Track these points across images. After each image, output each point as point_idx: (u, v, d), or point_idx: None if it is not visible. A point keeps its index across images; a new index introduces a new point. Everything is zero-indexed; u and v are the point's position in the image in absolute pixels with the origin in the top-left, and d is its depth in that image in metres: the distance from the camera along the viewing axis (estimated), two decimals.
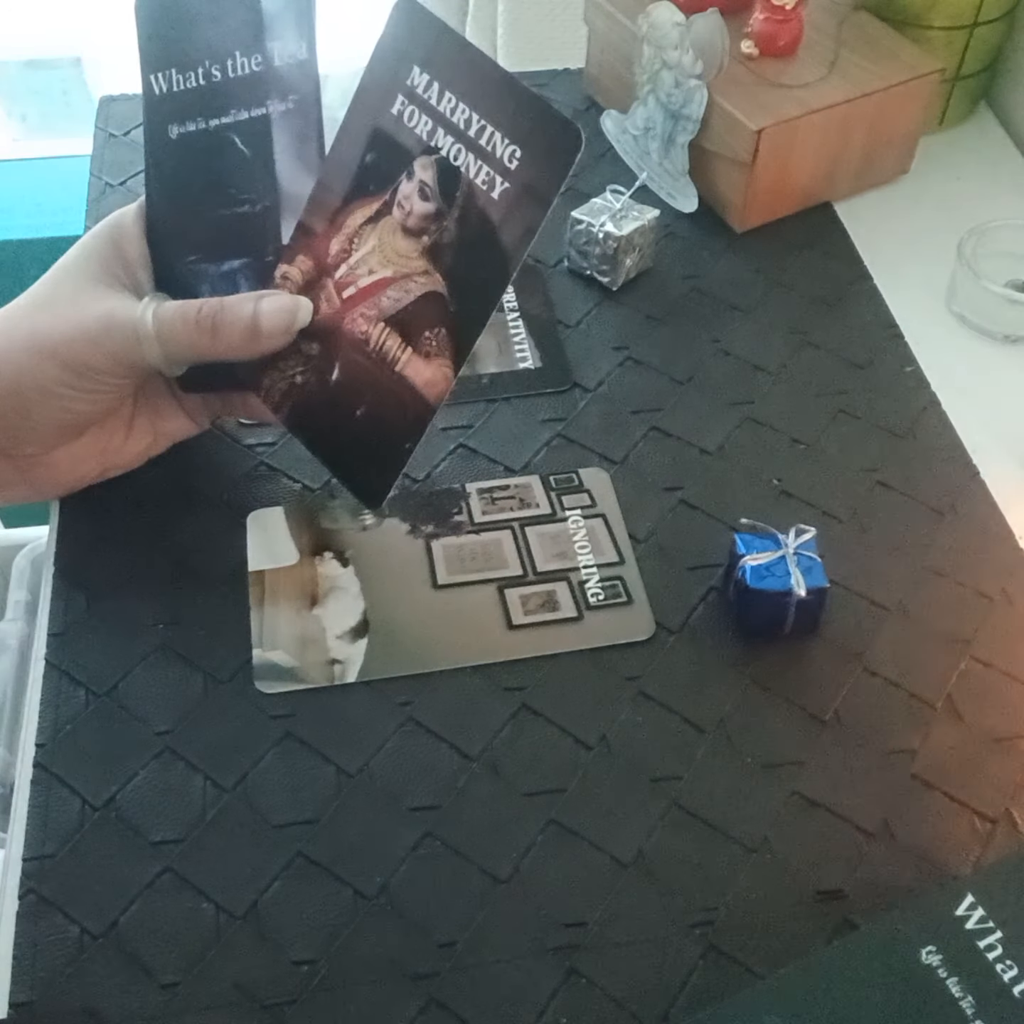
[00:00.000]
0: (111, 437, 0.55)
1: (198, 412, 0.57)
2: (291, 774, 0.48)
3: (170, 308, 0.51)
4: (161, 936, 0.44)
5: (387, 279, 0.50)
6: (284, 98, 0.55)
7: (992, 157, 0.81)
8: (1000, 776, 0.49)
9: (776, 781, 0.48)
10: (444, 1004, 0.43)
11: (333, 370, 0.53)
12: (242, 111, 0.56)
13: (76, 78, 1.58)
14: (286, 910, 0.45)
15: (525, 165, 0.46)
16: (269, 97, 0.55)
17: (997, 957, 0.41)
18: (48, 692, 0.51)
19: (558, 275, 0.70)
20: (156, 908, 0.45)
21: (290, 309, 0.52)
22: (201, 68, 0.56)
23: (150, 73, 0.58)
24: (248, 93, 0.56)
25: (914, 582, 0.55)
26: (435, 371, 0.50)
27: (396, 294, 0.50)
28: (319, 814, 0.47)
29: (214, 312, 0.51)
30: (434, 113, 0.49)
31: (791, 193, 0.73)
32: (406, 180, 0.50)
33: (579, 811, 0.48)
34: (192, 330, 0.51)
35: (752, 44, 0.72)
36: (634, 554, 0.56)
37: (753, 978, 0.43)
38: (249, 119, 0.55)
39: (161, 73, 0.57)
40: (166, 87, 0.57)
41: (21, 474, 0.54)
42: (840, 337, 0.67)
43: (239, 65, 0.56)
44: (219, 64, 0.56)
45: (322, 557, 0.56)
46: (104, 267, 0.52)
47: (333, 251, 0.52)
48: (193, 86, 0.56)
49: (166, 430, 0.57)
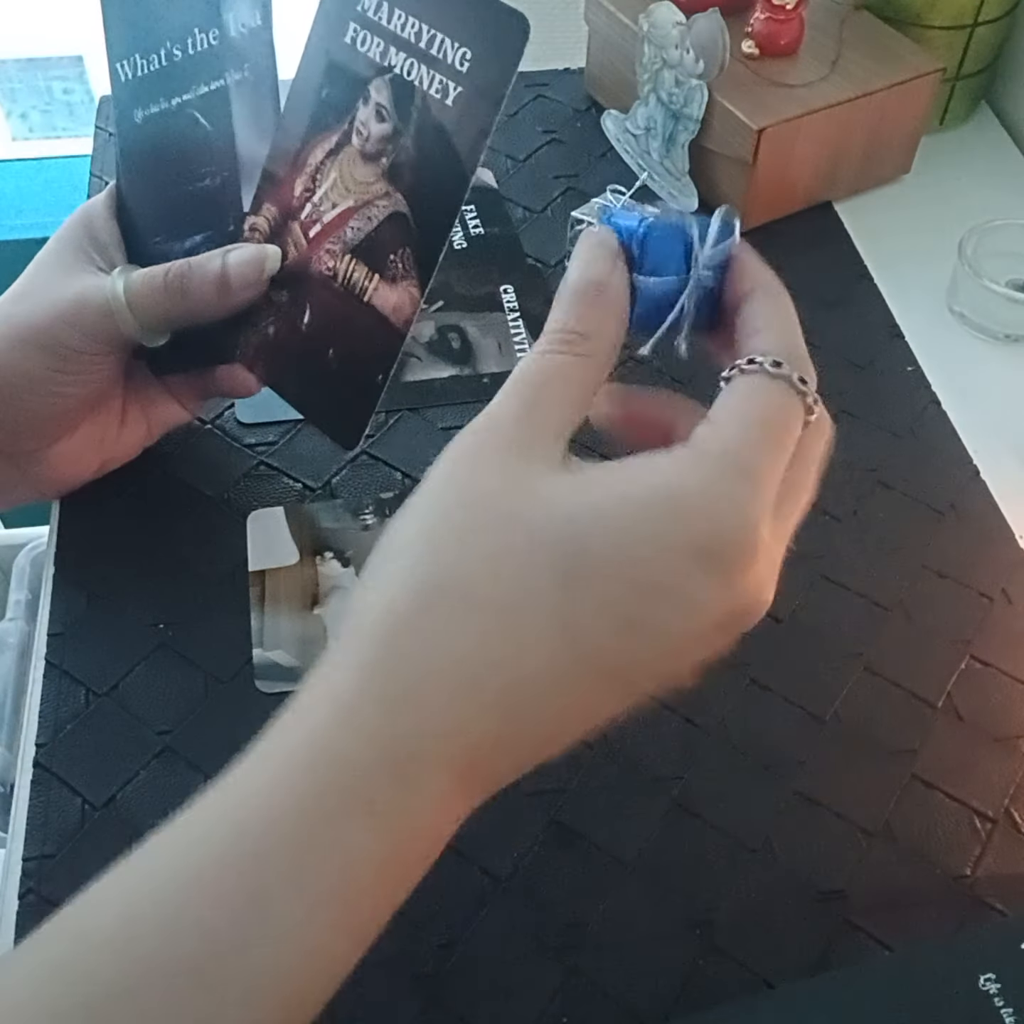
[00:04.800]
0: (106, 429, 0.55)
1: (187, 397, 0.57)
2: None
3: (139, 275, 0.51)
4: None
5: (350, 209, 0.50)
6: (240, 67, 0.55)
7: (993, 157, 0.81)
8: (1000, 776, 0.49)
9: (776, 781, 0.48)
10: (444, 1004, 0.43)
11: (304, 314, 0.52)
12: (201, 86, 0.56)
13: (78, 77, 1.58)
14: None
15: (476, 65, 0.46)
16: (226, 69, 0.55)
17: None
18: (48, 692, 0.51)
19: (559, 275, 0.70)
20: None
21: (258, 259, 0.52)
22: (163, 49, 0.57)
23: (116, 61, 0.58)
24: (207, 67, 0.55)
25: (914, 582, 0.55)
26: (401, 294, 0.49)
27: (359, 223, 0.50)
28: None
29: (182, 272, 0.51)
30: (385, 33, 0.48)
31: (792, 193, 0.73)
32: (363, 106, 0.50)
33: (580, 811, 0.48)
34: (162, 293, 0.51)
35: (753, 44, 0.72)
36: None
37: (753, 978, 0.43)
38: (208, 93, 0.55)
39: (127, 60, 0.58)
40: (131, 73, 0.57)
41: (22, 474, 0.54)
42: (840, 337, 0.67)
43: (198, 41, 0.56)
44: (180, 43, 0.56)
45: (323, 557, 0.56)
46: (77, 253, 0.53)
47: (297, 192, 0.52)
48: (156, 68, 0.57)
49: (158, 418, 0.57)
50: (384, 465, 0.60)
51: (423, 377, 0.64)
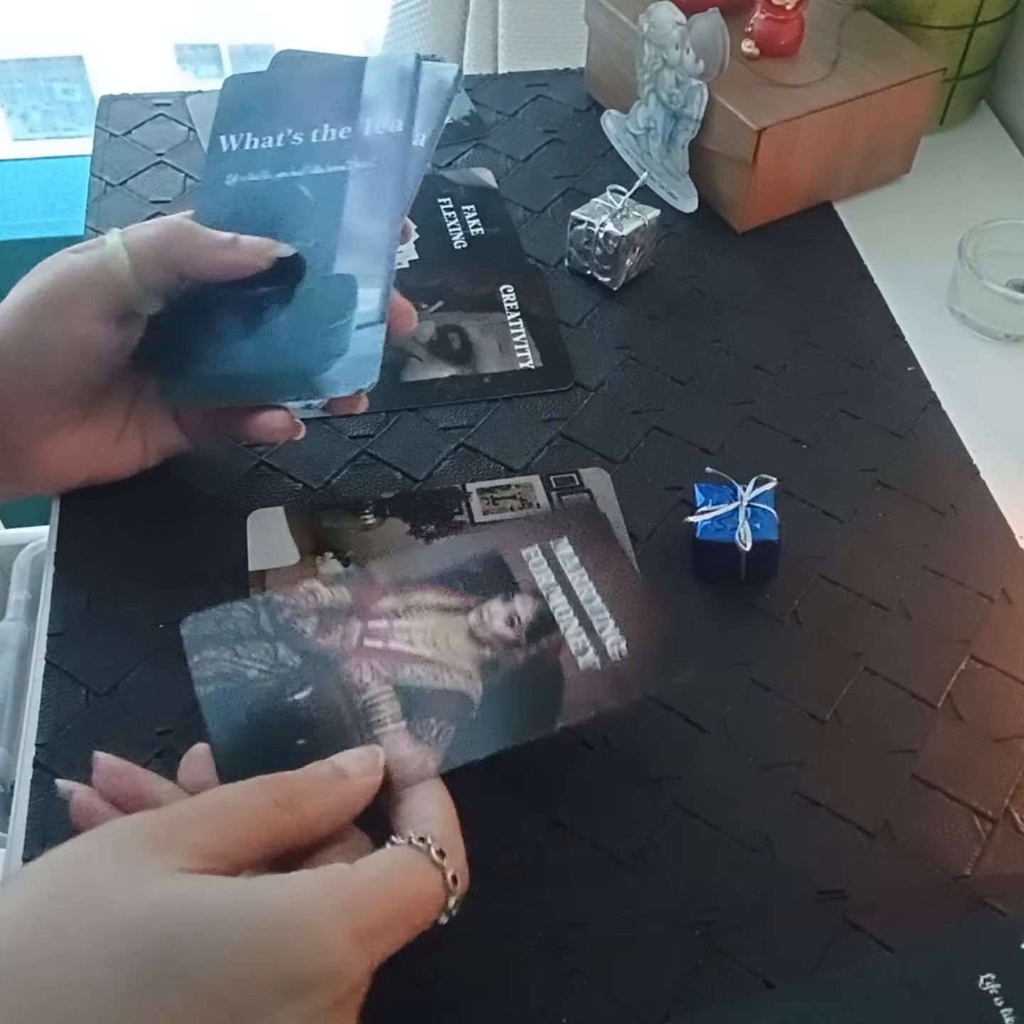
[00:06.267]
0: (101, 437, 0.55)
1: (195, 426, 0.57)
2: None
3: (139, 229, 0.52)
4: None
5: (423, 657, 0.47)
6: (367, 159, 0.55)
7: (993, 157, 0.81)
8: (1000, 776, 0.49)
9: (776, 781, 0.48)
10: (444, 1003, 0.43)
11: (303, 689, 0.46)
12: (316, 167, 0.55)
13: (78, 77, 1.58)
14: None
15: (624, 644, 0.47)
16: (350, 157, 0.55)
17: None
18: (48, 692, 0.51)
19: (559, 275, 0.70)
20: None
21: (270, 240, 0.53)
22: (282, 134, 0.56)
23: (221, 134, 0.58)
24: (328, 154, 0.56)
25: (914, 582, 0.55)
26: (415, 754, 0.44)
27: (424, 673, 0.46)
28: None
29: (190, 225, 0.52)
30: (560, 574, 0.49)
31: (792, 193, 0.73)
32: (500, 601, 0.49)
33: (580, 811, 0.48)
34: (162, 227, 0.51)
35: (753, 44, 0.72)
36: (635, 554, 0.56)
37: (753, 978, 0.43)
38: (324, 174, 0.55)
39: (234, 135, 0.57)
40: (236, 146, 0.57)
41: (12, 470, 0.54)
42: (841, 337, 0.67)
43: (325, 134, 0.56)
44: (303, 132, 0.56)
45: (323, 557, 0.56)
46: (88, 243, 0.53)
47: (383, 605, 0.48)
48: (268, 147, 0.56)
49: (157, 441, 0.57)
50: (384, 465, 0.60)
51: (423, 377, 0.64)
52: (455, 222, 0.73)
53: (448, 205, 0.74)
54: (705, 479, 0.55)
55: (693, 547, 0.54)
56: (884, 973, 0.42)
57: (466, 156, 0.79)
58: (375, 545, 0.56)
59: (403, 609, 0.48)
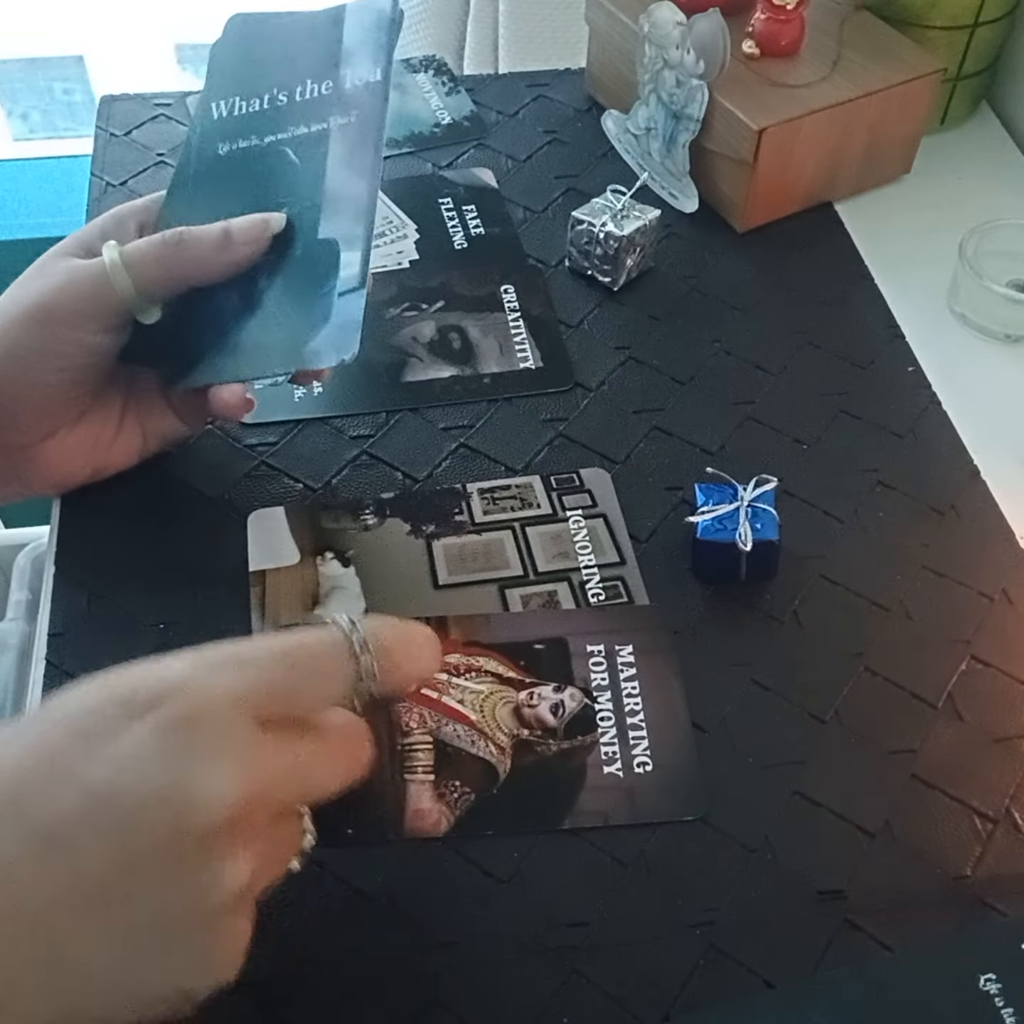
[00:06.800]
0: (101, 432, 0.55)
1: (189, 413, 0.57)
2: None
3: (138, 241, 0.52)
4: None
5: (468, 719, 0.49)
6: (347, 114, 0.55)
7: (993, 157, 0.81)
8: (1000, 776, 0.49)
9: (776, 781, 0.48)
10: (444, 1004, 0.43)
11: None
12: (301, 127, 0.55)
13: (78, 77, 1.58)
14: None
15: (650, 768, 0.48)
16: (331, 114, 0.55)
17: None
18: (48, 692, 0.51)
19: (559, 275, 0.70)
20: None
21: (262, 218, 0.53)
22: (268, 95, 0.56)
23: (212, 101, 0.57)
24: (311, 112, 0.55)
25: (914, 582, 0.55)
26: (433, 810, 0.47)
27: (464, 734, 0.49)
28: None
29: (180, 231, 0.52)
30: (615, 679, 0.50)
31: (792, 193, 0.73)
32: (553, 688, 0.50)
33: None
34: (159, 247, 0.51)
35: (753, 44, 0.72)
36: (635, 554, 0.56)
37: (753, 978, 0.43)
38: (308, 134, 0.55)
39: (224, 100, 0.57)
40: (226, 112, 0.57)
41: (13, 470, 0.54)
42: (841, 337, 0.67)
43: (308, 90, 0.55)
44: (287, 90, 0.56)
45: (323, 557, 0.56)
46: (77, 242, 0.53)
47: (449, 659, 0.51)
48: (255, 110, 0.56)
49: (155, 429, 0.57)
50: (384, 465, 0.60)
51: (423, 377, 0.64)
52: (455, 222, 0.73)
53: (448, 205, 0.74)
54: (705, 479, 0.55)
55: (693, 547, 0.54)
56: (884, 973, 0.42)
57: (466, 156, 0.79)
58: (376, 545, 0.56)
59: (465, 668, 0.50)
